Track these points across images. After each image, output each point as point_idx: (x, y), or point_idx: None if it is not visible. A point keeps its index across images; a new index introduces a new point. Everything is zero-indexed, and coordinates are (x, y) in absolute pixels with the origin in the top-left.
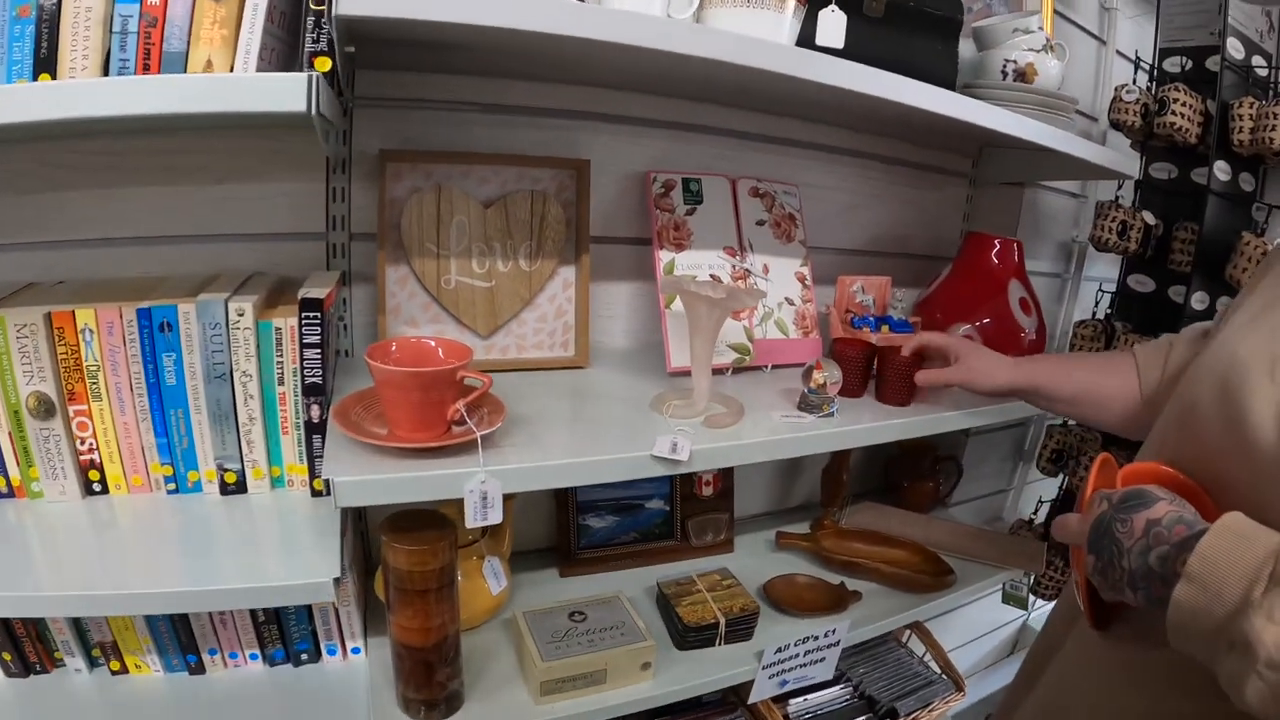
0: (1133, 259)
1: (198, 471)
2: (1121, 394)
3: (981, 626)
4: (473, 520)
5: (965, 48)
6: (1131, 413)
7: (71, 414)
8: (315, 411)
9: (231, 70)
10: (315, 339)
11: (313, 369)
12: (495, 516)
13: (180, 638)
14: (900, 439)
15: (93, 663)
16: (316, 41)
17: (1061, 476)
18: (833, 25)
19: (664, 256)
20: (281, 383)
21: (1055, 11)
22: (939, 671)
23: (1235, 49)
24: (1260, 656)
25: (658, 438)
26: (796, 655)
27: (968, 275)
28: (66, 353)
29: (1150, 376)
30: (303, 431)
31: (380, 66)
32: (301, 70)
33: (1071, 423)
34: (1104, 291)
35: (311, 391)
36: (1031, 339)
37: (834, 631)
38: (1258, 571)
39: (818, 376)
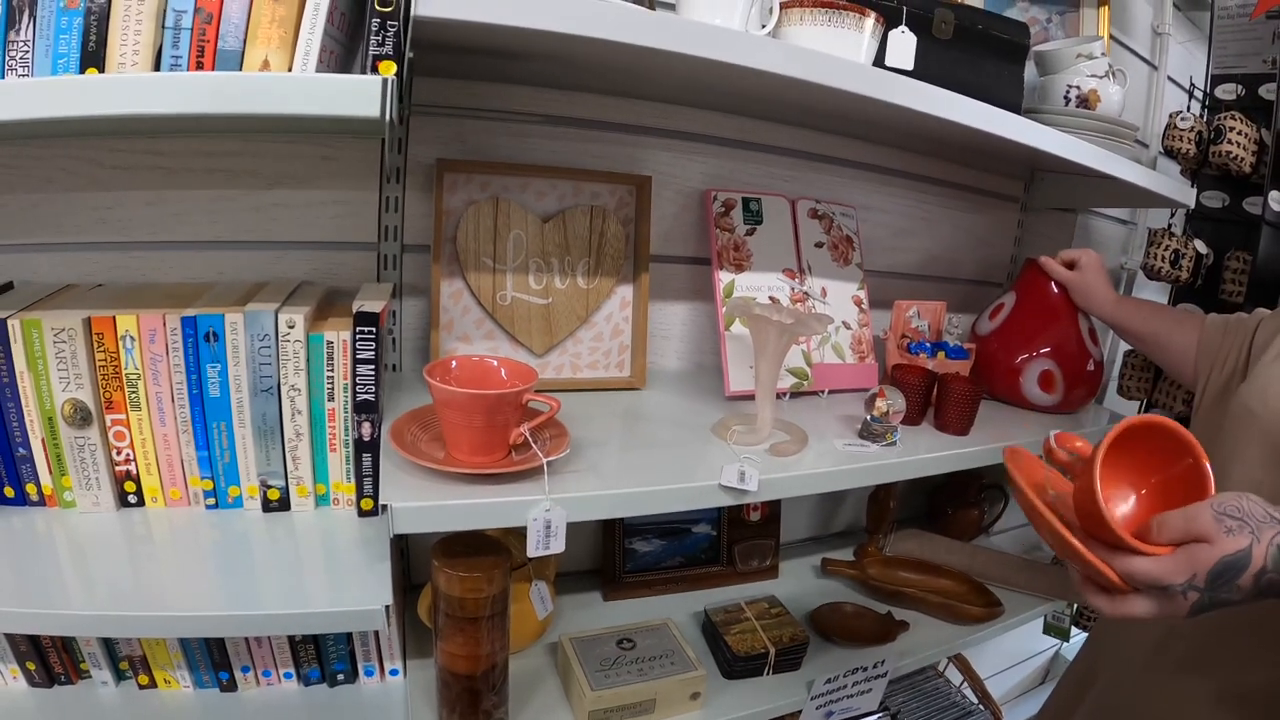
0: (1183, 288)
1: (239, 487)
2: (1181, 353)
3: (1014, 656)
4: (534, 550)
5: (1026, 71)
6: (1185, 373)
7: (109, 423)
8: (366, 429)
9: (290, 71)
10: (369, 354)
11: (365, 385)
12: (558, 546)
13: (213, 655)
14: (962, 469)
15: (120, 676)
16: (381, 45)
17: None
18: (903, 46)
19: (724, 277)
20: (331, 398)
21: (1111, 36)
22: (976, 701)
23: None
24: None
25: (724, 467)
26: (844, 686)
27: (1036, 305)
28: (105, 360)
29: (1204, 364)
30: (351, 449)
31: (438, 74)
32: (364, 73)
33: None
34: None
35: (363, 409)
36: (1092, 369)
37: (882, 663)
38: None
39: (881, 404)
